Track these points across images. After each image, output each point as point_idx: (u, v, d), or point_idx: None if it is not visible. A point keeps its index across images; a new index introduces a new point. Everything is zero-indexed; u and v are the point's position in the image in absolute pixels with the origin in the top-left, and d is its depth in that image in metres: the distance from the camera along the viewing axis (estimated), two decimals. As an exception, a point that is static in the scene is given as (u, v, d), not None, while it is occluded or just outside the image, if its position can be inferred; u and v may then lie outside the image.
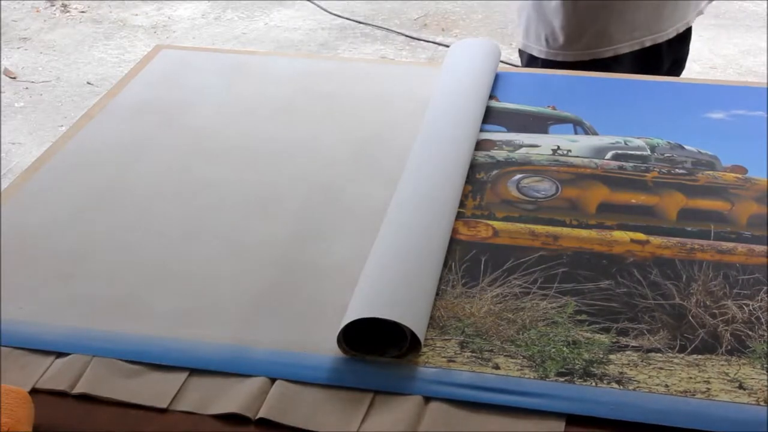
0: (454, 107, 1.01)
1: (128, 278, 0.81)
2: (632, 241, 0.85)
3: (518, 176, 0.95)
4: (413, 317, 0.72)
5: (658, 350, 0.73)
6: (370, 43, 3.39)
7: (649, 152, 0.99)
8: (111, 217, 0.89)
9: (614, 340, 0.74)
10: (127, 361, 0.72)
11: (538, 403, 0.68)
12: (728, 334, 0.75)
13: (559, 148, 0.99)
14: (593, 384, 0.70)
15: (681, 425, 0.66)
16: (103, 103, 1.10)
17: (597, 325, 0.75)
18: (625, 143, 1.00)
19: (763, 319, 0.76)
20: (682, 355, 0.73)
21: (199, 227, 0.88)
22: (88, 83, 3.12)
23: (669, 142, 1.00)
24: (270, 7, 3.72)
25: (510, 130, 1.04)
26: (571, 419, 0.67)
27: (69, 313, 0.77)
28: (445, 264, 0.81)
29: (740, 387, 0.69)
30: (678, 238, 0.86)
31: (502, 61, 1.17)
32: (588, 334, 0.74)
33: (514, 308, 0.77)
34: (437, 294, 0.78)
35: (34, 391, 0.69)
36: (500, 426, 0.67)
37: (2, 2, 3.66)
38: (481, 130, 1.01)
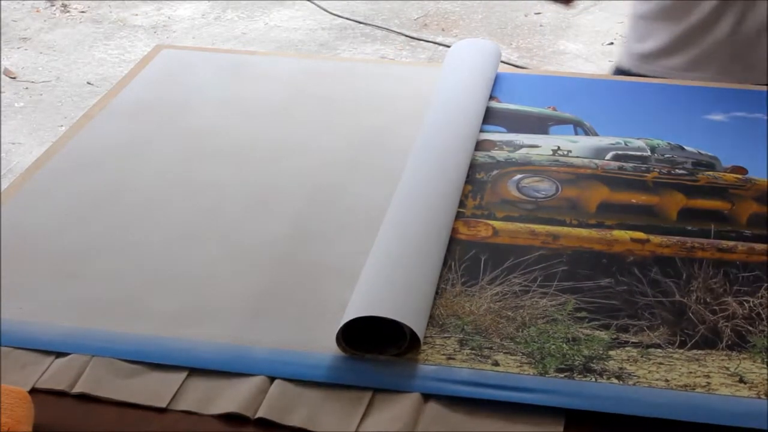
0: (454, 107, 1.01)
1: (128, 278, 0.81)
2: (632, 239, 0.86)
3: (518, 176, 0.95)
4: (412, 316, 0.72)
5: (658, 346, 0.73)
6: (370, 43, 3.39)
7: (649, 153, 0.99)
8: (111, 217, 0.89)
9: (614, 337, 0.74)
10: (126, 360, 0.72)
11: (537, 399, 0.68)
12: (728, 330, 0.75)
13: (559, 148, 0.99)
14: (593, 379, 0.70)
15: (681, 418, 0.66)
16: (103, 103, 1.10)
17: (597, 322, 0.76)
18: (626, 144, 1.00)
19: (763, 315, 0.76)
20: (682, 350, 0.73)
21: (198, 227, 0.88)
22: (88, 83, 3.12)
23: (669, 143, 1.00)
24: (270, 7, 3.72)
25: (510, 130, 1.04)
26: (571, 415, 0.67)
27: (69, 313, 0.77)
28: (445, 263, 0.81)
29: (741, 381, 0.70)
30: (678, 237, 0.86)
31: (502, 62, 1.17)
32: (587, 331, 0.75)
33: (513, 306, 0.77)
34: (437, 293, 0.78)
35: (34, 391, 0.69)
36: (500, 423, 0.67)
37: (2, 2, 3.66)
38: (482, 131, 1.01)
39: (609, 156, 0.98)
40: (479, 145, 0.99)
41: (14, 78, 3.15)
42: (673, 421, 0.66)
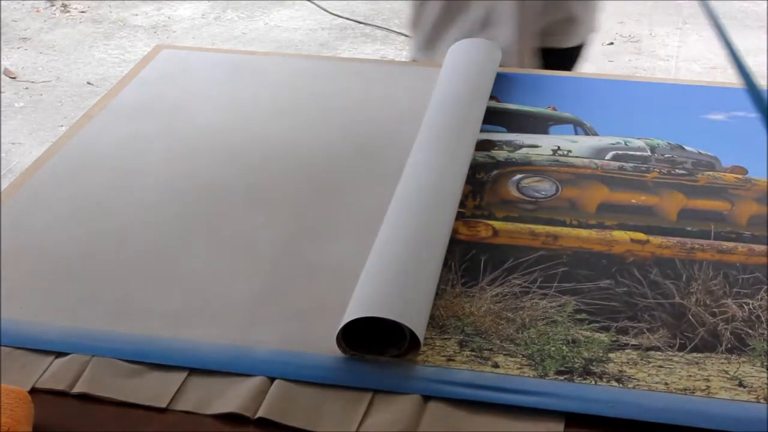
0: (454, 107, 1.01)
1: (128, 278, 0.81)
2: (632, 240, 0.85)
3: (518, 176, 0.95)
4: (413, 317, 0.72)
5: (657, 348, 0.73)
6: (370, 43, 3.39)
7: (649, 153, 0.99)
8: (111, 217, 0.89)
9: (614, 339, 0.74)
10: (126, 360, 0.72)
11: (537, 402, 0.68)
12: (728, 333, 0.75)
13: (559, 148, 0.99)
14: (593, 382, 0.70)
15: (681, 423, 0.66)
16: (103, 103, 1.10)
17: (597, 324, 0.76)
18: (626, 144, 1.00)
19: (763, 318, 0.76)
20: (682, 353, 0.73)
21: (199, 227, 0.88)
22: (88, 83, 3.12)
23: (669, 143, 1.00)
24: (270, 7, 3.72)
25: (510, 130, 1.04)
26: (571, 417, 0.67)
27: (69, 313, 0.77)
28: (445, 263, 0.81)
29: (740, 385, 0.69)
30: (678, 238, 0.86)
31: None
32: (587, 333, 0.75)
33: (513, 307, 0.77)
34: (437, 293, 0.78)
35: (34, 391, 0.69)
36: (500, 425, 0.67)
37: (2, 2, 3.66)
38: (482, 131, 1.01)
39: (609, 156, 0.98)
40: (479, 145, 0.99)
41: (14, 78, 3.15)
42: (672, 426, 0.66)
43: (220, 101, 1.10)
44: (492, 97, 1.09)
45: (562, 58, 1.37)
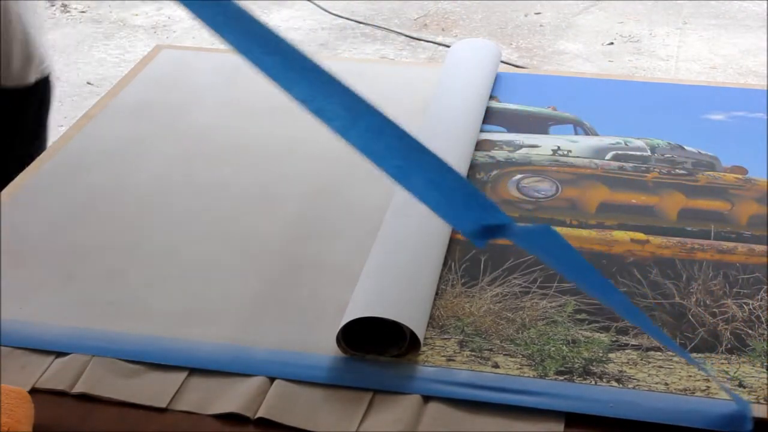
0: (454, 107, 1.01)
1: (128, 278, 0.81)
2: (632, 240, 0.86)
3: (518, 176, 0.95)
4: (413, 317, 0.72)
5: (657, 349, 0.73)
6: (370, 43, 3.38)
7: (649, 153, 0.99)
8: (111, 217, 0.89)
9: (614, 339, 0.74)
10: (126, 360, 0.72)
11: (537, 402, 0.68)
12: (728, 333, 0.75)
13: (559, 148, 0.99)
14: (593, 382, 0.70)
15: (680, 423, 0.66)
16: (103, 103, 1.10)
17: (596, 324, 0.75)
18: (626, 144, 1.00)
19: (762, 318, 0.76)
20: (682, 354, 0.73)
21: (199, 227, 0.88)
22: (88, 83, 3.12)
23: (669, 143, 1.00)
24: (270, 7, 3.71)
25: (510, 130, 1.04)
26: (571, 418, 0.67)
27: (69, 313, 0.77)
28: (445, 263, 0.81)
29: (740, 385, 0.69)
30: (678, 238, 0.86)
31: (502, 62, 1.17)
32: (587, 333, 0.75)
33: (513, 307, 0.77)
34: (437, 293, 0.78)
35: (34, 391, 0.69)
36: (500, 425, 0.67)
37: (2, 2, 3.66)
38: (482, 131, 1.01)
39: (609, 156, 0.98)
40: (479, 145, 0.99)
41: (14, 77, 3.14)
42: (672, 426, 0.66)
43: (220, 101, 1.10)
44: (492, 97, 1.09)
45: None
